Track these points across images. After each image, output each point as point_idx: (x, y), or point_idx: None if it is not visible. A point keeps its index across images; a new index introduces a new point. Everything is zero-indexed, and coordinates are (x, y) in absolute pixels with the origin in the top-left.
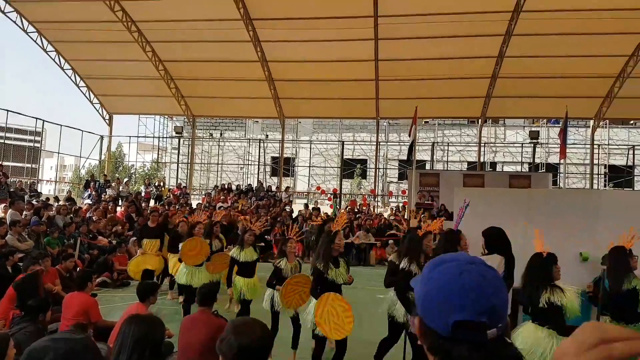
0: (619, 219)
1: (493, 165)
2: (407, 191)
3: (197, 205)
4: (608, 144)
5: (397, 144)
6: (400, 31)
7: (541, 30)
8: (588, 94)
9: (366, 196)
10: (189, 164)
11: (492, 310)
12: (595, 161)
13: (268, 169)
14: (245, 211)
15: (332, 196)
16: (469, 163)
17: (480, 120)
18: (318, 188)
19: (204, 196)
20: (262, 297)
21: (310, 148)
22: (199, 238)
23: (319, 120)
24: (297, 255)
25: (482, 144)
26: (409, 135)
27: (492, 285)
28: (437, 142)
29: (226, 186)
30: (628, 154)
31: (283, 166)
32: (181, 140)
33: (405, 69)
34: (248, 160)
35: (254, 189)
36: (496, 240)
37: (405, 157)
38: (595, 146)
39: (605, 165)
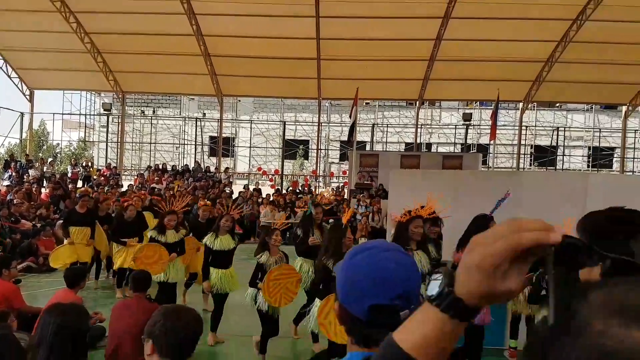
0: (539, 198)
1: (429, 146)
2: (347, 172)
3: (128, 186)
4: (535, 126)
5: (339, 125)
6: (341, 9)
7: (477, 14)
8: (518, 78)
9: (308, 177)
10: (119, 143)
11: (405, 294)
12: (523, 142)
13: (206, 149)
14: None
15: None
16: (407, 144)
17: (417, 102)
18: (259, 169)
19: (136, 177)
20: (243, 291)
21: (251, 128)
22: (158, 246)
23: (260, 99)
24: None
25: (419, 126)
26: (350, 117)
27: (406, 270)
28: (377, 124)
29: (160, 167)
30: (552, 135)
31: (222, 146)
32: (110, 117)
33: (347, 49)
34: (184, 139)
35: (190, 169)
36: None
37: (346, 138)
38: (523, 127)
39: (532, 145)
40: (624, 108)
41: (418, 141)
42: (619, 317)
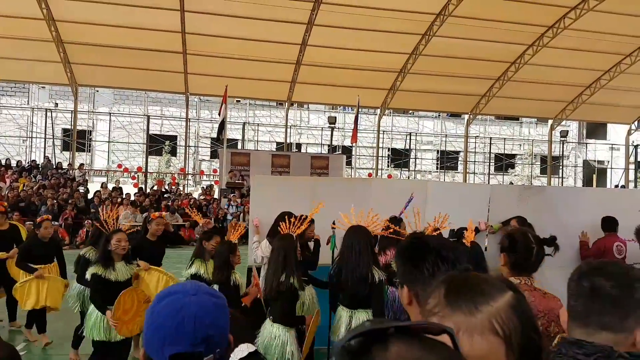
0: (386, 204)
1: (298, 146)
2: (218, 170)
3: None
4: (392, 131)
5: (209, 121)
6: (207, 6)
7: (338, 22)
8: (376, 86)
9: (175, 175)
10: None
11: (209, 338)
12: (380, 145)
13: (58, 142)
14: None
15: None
16: (278, 143)
17: (286, 103)
18: (120, 166)
19: None
20: None
21: (110, 120)
22: (134, 291)
23: (121, 90)
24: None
25: (288, 126)
26: (219, 114)
27: (210, 314)
28: (248, 122)
29: (4, 162)
30: (406, 139)
31: (77, 140)
32: None
33: (215, 46)
34: (33, 132)
35: (39, 165)
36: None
37: (216, 136)
38: (380, 132)
39: (389, 148)
40: (467, 116)
41: (288, 141)
42: None
